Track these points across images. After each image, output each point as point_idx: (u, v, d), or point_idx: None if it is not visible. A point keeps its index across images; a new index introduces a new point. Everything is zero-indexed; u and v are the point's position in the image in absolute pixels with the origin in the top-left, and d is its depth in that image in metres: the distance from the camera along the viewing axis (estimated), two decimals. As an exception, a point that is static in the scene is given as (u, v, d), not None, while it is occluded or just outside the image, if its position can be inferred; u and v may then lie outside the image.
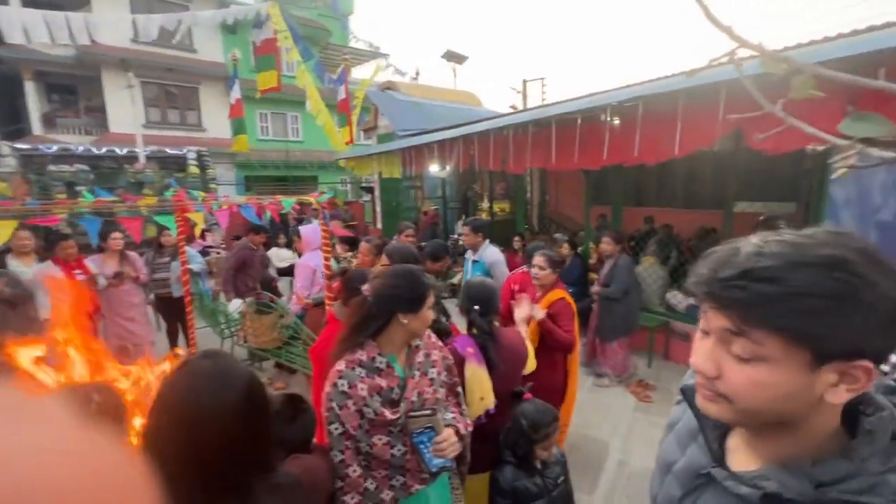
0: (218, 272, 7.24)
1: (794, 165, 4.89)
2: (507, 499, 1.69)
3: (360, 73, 19.99)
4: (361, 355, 1.41)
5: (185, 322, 4.28)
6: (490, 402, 1.78)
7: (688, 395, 0.69)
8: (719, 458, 0.65)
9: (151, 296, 4.94)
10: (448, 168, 6.60)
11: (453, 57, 17.41)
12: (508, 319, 2.50)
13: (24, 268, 3.64)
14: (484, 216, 8.98)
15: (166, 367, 1.52)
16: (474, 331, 1.89)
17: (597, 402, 3.95)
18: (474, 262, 3.42)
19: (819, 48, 3.33)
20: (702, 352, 0.59)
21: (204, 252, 7.83)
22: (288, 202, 2.89)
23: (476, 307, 1.90)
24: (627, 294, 4.13)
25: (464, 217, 8.33)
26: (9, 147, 10.70)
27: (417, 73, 13.76)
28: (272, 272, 5.69)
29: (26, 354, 1.48)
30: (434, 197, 9.55)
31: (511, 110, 12.13)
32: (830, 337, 0.49)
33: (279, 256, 7.14)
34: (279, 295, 4.30)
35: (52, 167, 9.93)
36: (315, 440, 1.44)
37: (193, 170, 11.61)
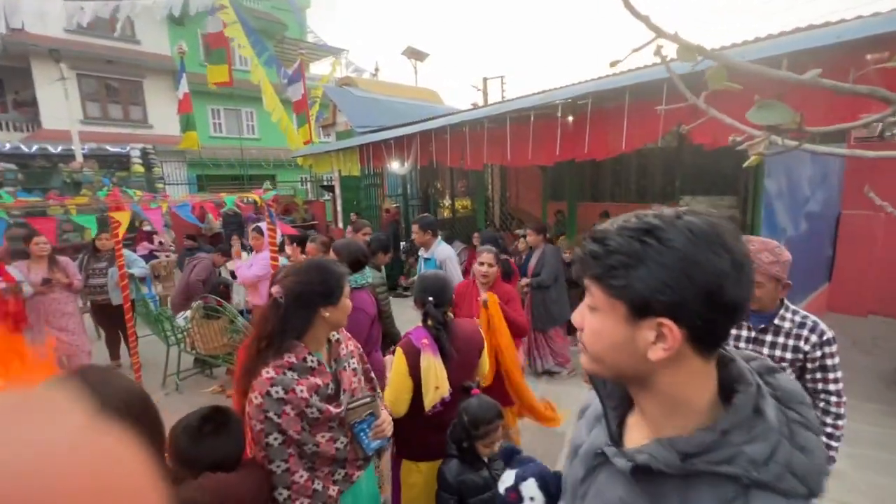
0: (167, 276, 6.86)
1: (734, 160, 5.16)
2: (452, 493, 1.68)
3: (318, 69, 19.52)
4: (290, 358, 1.36)
5: (125, 330, 4.01)
6: (445, 390, 1.81)
7: (594, 379, 0.71)
8: (616, 438, 0.69)
9: (87, 303, 4.60)
10: (407, 165, 6.54)
11: (414, 54, 17.31)
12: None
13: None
14: (445, 213, 8.98)
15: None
16: (429, 322, 1.90)
17: (551, 396, 4.02)
18: (426, 259, 3.42)
19: (760, 45, 3.52)
20: (577, 310, 0.68)
21: (152, 255, 7.40)
22: (230, 199, 2.75)
23: (430, 298, 1.90)
24: (557, 280, 4.22)
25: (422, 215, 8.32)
26: (-79, 144, 9.68)
27: (377, 70, 13.56)
28: (225, 275, 5.45)
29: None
30: (395, 195, 9.44)
31: (472, 107, 12.20)
32: (631, 288, 0.56)
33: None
34: (229, 299, 4.11)
35: (-27, 166, 9.08)
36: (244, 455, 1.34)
37: (138, 168, 10.95)
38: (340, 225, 10.29)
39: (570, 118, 3.86)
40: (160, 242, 7.98)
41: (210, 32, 8.48)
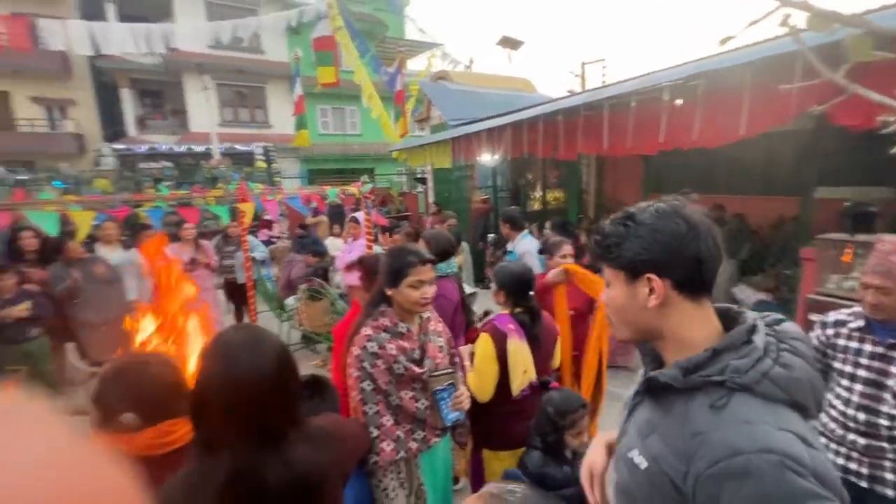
0: (281, 259, 7.75)
1: (889, 144, 4.22)
2: (533, 482, 1.68)
3: (416, 65, 20.23)
4: (385, 321, 1.60)
5: (248, 305, 4.64)
6: (532, 374, 1.89)
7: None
8: None
9: (220, 280, 5.39)
10: (498, 157, 6.52)
11: (508, 43, 17.03)
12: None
13: (111, 254, 4.13)
14: (536, 205, 8.77)
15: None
16: (517, 310, 1.98)
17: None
18: (508, 252, 3.46)
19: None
20: (603, 292, 0.89)
21: (269, 241, 8.40)
22: (333, 192, 3.01)
23: (519, 287, 1.99)
24: None
25: (515, 206, 8.21)
26: (108, 148, 12.10)
27: (471, 62, 13.63)
28: (327, 260, 5.98)
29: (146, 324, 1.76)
30: (485, 186, 9.47)
31: (568, 94, 11.68)
32: (622, 258, 0.79)
33: (334, 245, 7.48)
34: (329, 282, 4.52)
35: (142, 165, 11.10)
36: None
37: (260, 164, 12.43)
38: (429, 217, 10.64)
39: (678, 102, 3.51)
40: (277, 231, 9.02)
41: (319, 37, 9.23)
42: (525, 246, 3.48)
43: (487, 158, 6.56)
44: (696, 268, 0.75)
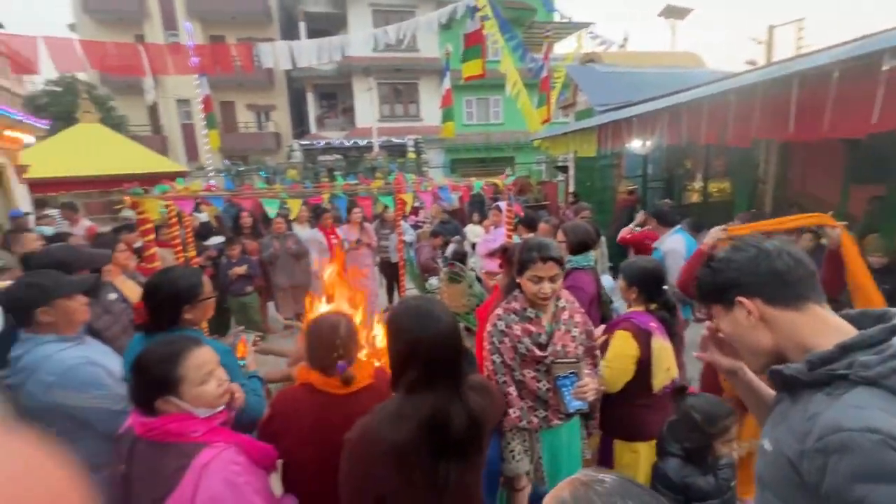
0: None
1: None
2: (676, 493, 1.64)
3: (563, 47, 19.44)
4: (515, 305, 1.75)
5: (398, 282, 5.26)
6: (675, 372, 1.90)
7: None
8: None
9: (377, 259, 6.20)
10: (650, 144, 5.98)
11: (673, 12, 15.16)
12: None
13: (302, 232, 5.11)
14: (694, 197, 7.81)
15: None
16: (652, 306, 1.96)
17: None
18: (653, 249, 3.20)
19: None
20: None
21: (416, 226, 9.25)
22: (478, 184, 3.23)
23: (651, 283, 1.98)
24: None
25: (667, 199, 7.43)
26: (297, 144, 14.67)
27: (625, 40, 12.55)
28: (466, 246, 6.35)
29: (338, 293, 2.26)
30: (633, 176, 8.75)
31: (748, 67, 9.91)
32: (713, 292, 0.95)
33: (473, 232, 7.86)
34: (467, 267, 4.82)
35: (320, 158, 13.21)
36: None
37: (411, 155, 13.61)
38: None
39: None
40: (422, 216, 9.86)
41: (469, 32, 9.60)
42: (672, 244, 3.18)
43: (638, 146, 6.08)
44: (777, 281, 0.85)
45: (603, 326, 2.17)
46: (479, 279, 4.69)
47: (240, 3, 18.69)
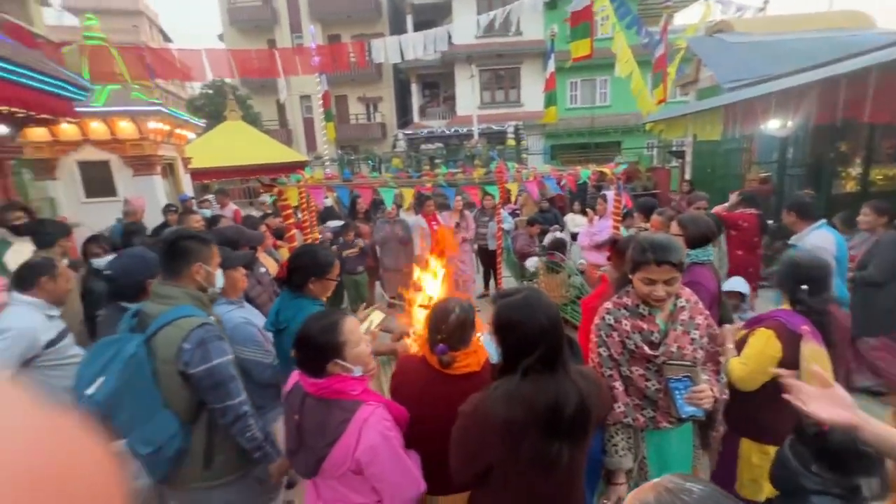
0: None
1: None
2: None
3: (686, 17, 17.43)
4: (627, 300, 1.69)
5: (495, 269, 5.34)
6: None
7: None
8: None
9: (475, 245, 6.34)
10: (793, 124, 5.17)
11: (833, -37, 12.60)
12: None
13: (408, 218, 5.44)
14: (849, 186, 6.58)
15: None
16: (798, 307, 1.79)
17: None
18: (790, 246, 2.79)
19: None
20: None
21: (514, 214, 9.22)
22: (585, 173, 3.13)
23: (804, 286, 1.76)
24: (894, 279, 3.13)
25: (810, 189, 6.35)
26: (402, 133, 15.43)
27: (766, 3, 10.82)
28: (565, 236, 6.18)
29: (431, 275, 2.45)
30: (767, 162, 7.62)
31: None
32: None
33: (574, 222, 7.59)
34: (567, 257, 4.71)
35: (422, 147, 13.74)
36: None
37: (511, 142, 13.46)
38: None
39: None
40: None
41: (575, 10, 9.10)
42: (818, 241, 2.76)
43: (776, 127, 5.30)
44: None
45: (734, 325, 2.02)
46: (580, 271, 4.57)
47: (354, 2, 20.01)
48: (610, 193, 3.79)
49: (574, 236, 6.93)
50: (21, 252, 3.29)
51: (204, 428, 1.62)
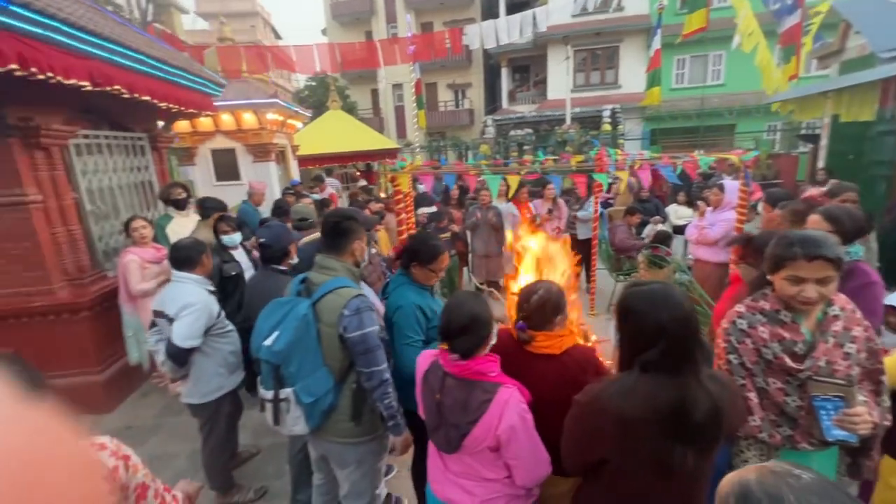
0: (615, 219, 7.96)
1: None
2: None
3: (827, -24, 14.79)
4: (764, 304, 1.50)
5: (588, 259, 5.15)
6: None
7: None
8: None
9: (566, 235, 6.14)
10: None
11: None
12: None
13: (500, 205, 5.44)
14: None
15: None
16: None
17: None
18: None
19: None
20: None
21: (606, 203, 8.73)
22: (705, 160, 2.85)
23: None
24: None
25: None
26: (490, 119, 15.30)
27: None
28: (667, 228, 5.73)
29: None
30: (937, 146, 6.27)
31: None
32: None
33: (677, 214, 6.99)
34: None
35: (511, 132, 13.51)
36: None
37: (606, 127, 12.69)
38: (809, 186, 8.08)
39: None
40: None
41: (693, -22, 8.18)
42: None
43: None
44: None
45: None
46: (688, 267, 4.22)
47: (447, -12, 20.12)
48: (732, 183, 3.39)
49: (677, 229, 6.40)
50: (182, 225, 3.90)
51: (351, 389, 1.82)
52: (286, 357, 1.71)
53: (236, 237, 3.40)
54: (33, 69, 2.80)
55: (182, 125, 7.00)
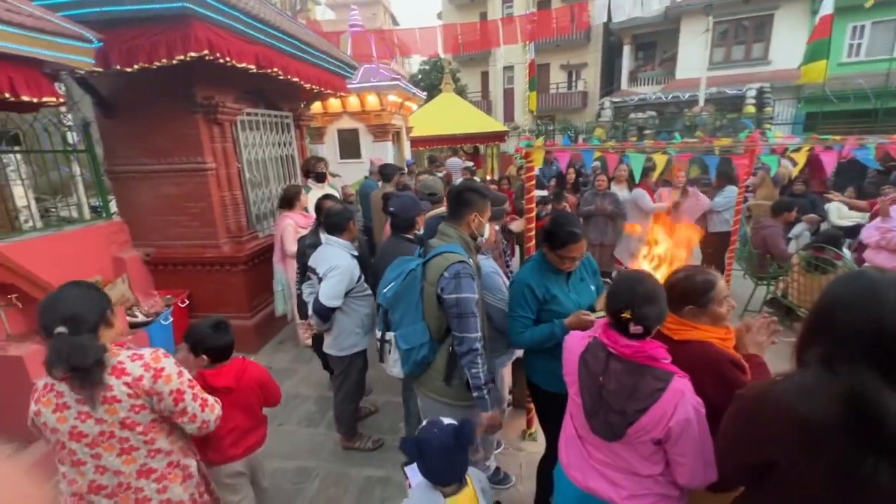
0: (755, 216, 6.93)
1: None
2: None
3: None
4: None
5: (722, 256, 4.57)
6: None
7: None
8: None
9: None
10: None
11: None
12: None
13: (620, 192, 5.08)
14: None
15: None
16: None
17: None
18: None
19: None
20: None
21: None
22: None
23: None
24: None
25: None
26: (608, 101, 14.28)
27: None
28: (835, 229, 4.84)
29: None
30: None
31: None
32: None
33: (840, 213, 5.86)
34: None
35: (632, 115, 12.46)
36: None
37: (749, 109, 11.04)
38: None
39: None
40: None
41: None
42: None
43: None
44: None
45: None
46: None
47: (568, -39, 18.98)
48: None
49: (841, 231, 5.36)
50: (319, 196, 4.32)
51: (447, 350, 1.90)
52: (393, 304, 1.92)
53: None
54: (217, 54, 3.28)
55: (315, 106, 7.71)
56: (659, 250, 2.58)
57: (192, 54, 3.12)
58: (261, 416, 2.04)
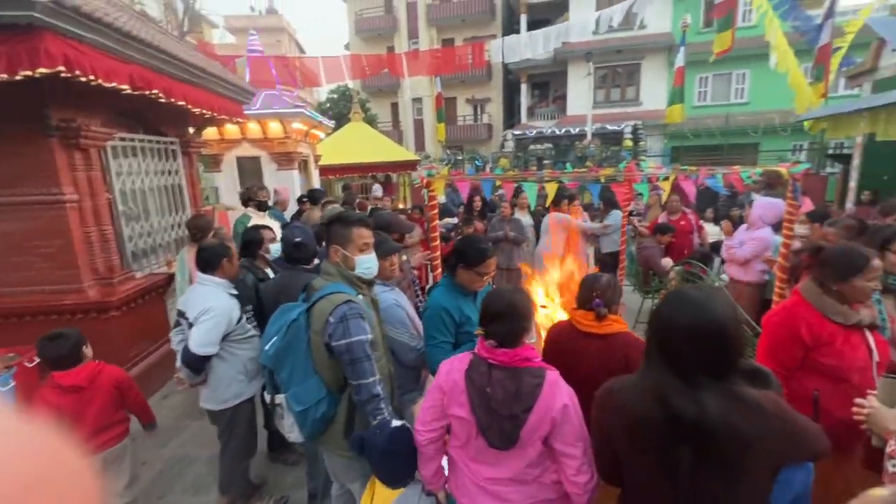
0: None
1: None
2: None
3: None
4: None
5: (614, 273, 5.02)
6: None
7: None
8: None
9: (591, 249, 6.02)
10: None
11: None
12: None
13: (523, 217, 5.37)
14: None
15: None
16: None
17: None
18: None
19: None
20: None
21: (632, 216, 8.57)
22: (745, 173, 2.76)
23: None
24: None
25: None
26: (510, 134, 15.34)
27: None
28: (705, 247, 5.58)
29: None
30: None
31: None
32: None
33: (709, 231, 6.84)
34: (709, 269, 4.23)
35: (531, 147, 13.50)
36: None
37: (627, 143, 12.59)
38: (850, 205, 7.84)
39: None
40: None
41: (721, 1, 8.12)
42: None
43: None
44: None
45: None
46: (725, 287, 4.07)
47: (468, 5, 20.42)
48: (763, 200, 3.26)
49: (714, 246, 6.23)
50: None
51: (347, 401, 1.72)
52: (278, 362, 1.69)
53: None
54: (78, 72, 2.87)
55: (210, 132, 7.15)
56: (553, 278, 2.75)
57: (43, 70, 2.69)
58: (120, 416, 2.24)
